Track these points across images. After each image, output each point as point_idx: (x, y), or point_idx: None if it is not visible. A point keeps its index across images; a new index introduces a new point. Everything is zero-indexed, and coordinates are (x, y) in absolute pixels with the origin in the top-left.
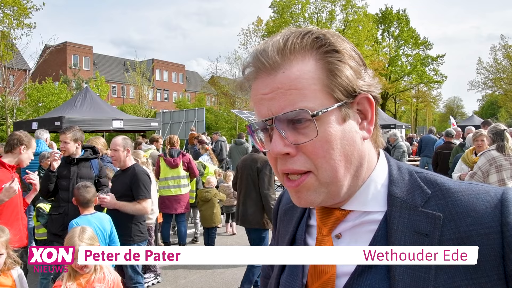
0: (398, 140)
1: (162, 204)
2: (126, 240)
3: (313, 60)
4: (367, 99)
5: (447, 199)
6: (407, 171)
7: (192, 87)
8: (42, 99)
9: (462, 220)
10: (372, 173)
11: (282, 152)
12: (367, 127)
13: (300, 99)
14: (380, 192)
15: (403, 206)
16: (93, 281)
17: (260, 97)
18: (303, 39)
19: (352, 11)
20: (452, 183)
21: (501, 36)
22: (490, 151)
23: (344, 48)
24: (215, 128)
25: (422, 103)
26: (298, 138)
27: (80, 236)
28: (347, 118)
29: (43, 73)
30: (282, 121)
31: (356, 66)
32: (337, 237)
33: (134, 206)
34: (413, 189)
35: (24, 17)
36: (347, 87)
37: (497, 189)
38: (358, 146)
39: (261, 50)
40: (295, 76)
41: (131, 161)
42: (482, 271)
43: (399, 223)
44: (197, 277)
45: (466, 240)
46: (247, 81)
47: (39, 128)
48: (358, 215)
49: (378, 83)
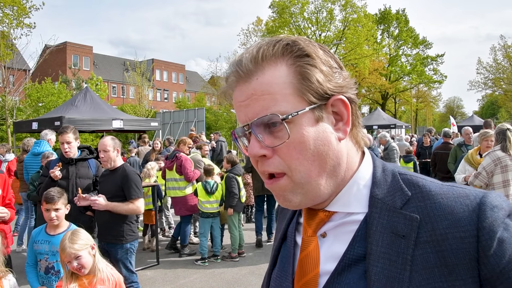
0: (389, 141)
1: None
2: (119, 240)
3: (285, 65)
4: (341, 101)
5: (426, 201)
6: (391, 173)
7: (192, 87)
8: (42, 99)
9: (439, 223)
10: (356, 174)
11: (258, 154)
12: (343, 128)
13: (273, 103)
14: (363, 193)
15: (383, 208)
16: (96, 281)
17: (238, 104)
18: (274, 47)
19: (352, 11)
20: (433, 186)
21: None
22: (495, 151)
23: (314, 52)
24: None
25: (422, 103)
26: (273, 141)
27: (71, 239)
28: (320, 120)
29: (43, 73)
30: (258, 126)
31: (328, 69)
32: (322, 236)
33: (127, 206)
34: (395, 191)
35: (24, 17)
36: (318, 89)
37: (477, 193)
38: (334, 146)
39: (237, 60)
40: (267, 82)
41: (120, 161)
42: (457, 274)
43: (378, 224)
44: (197, 277)
45: (441, 243)
46: (228, 91)
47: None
48: (341, 216)
49: (353, 84)
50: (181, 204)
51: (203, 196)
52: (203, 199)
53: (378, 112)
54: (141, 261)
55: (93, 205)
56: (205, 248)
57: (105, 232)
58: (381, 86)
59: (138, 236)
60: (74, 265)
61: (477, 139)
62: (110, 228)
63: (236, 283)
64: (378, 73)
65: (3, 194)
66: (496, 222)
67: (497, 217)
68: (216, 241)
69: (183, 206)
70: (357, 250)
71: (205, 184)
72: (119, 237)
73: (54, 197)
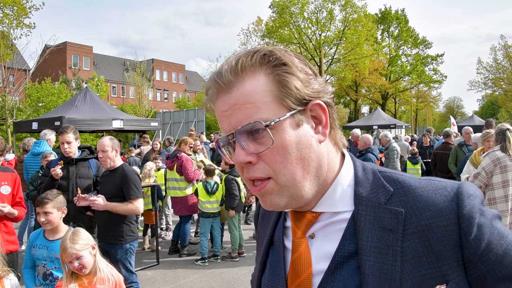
0: (390, 141)
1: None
2: (119, 240)
3: (264, 74)
4: (319, 105)
5: (408, 196)
6: (371, 171)
7: (192, 87)
8: (42, 99)
9: (422, 214)
10: (338, 175)
11: (244, 161)
12: (322, 130)
13: (255, 111)
14: (347, 193)
15: (369, 205)
16: (96, 281)
17: (221, 114)
18: (252, 57)
19: (352, 11)
20: (412, 181)
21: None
22: (494, 152)
23: (291, 60)
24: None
25: (422, 103)
26: (257, 148)
27: (72, 239)
28: (300, 124)
29: (43, 73)
30: (242, 134)
31: (304, 76)
32: (310, 237)
33: (126, 206)
34: (377, 188)
35: (24, 17)
36: (297, 95)
37: (453, 184)
38: (315, 148)
39: (217, 72)
40: (248, 92)
41: (119, 161)
42: (443, 259)
43: (365, 221)
44: (197, 277)
45: (427, 232)
46: (210, 102)
47: (39, 128)
48: (328, 216)
49: (329, 89)
50: (181, 204)
51: (204, 196)
52: (203, 199)
53: (378, 112)
54: (141, 261)
55: (92, 205)
56: (205, 248)
57: (105, 232)
58: (381, 86)
59: (138, 236)
60: (75, 265)
61: (480, 140)
62: (110, 228)
63: (236, 283)
64: (378, 73)
65: (13, 192)
66: (473, 209)
67: (474, 205)
68: (216, 241)
69: (183, 206)
70: (348, 247)
71: (206, 184)
72: (118, 237)
73: (44, 200)
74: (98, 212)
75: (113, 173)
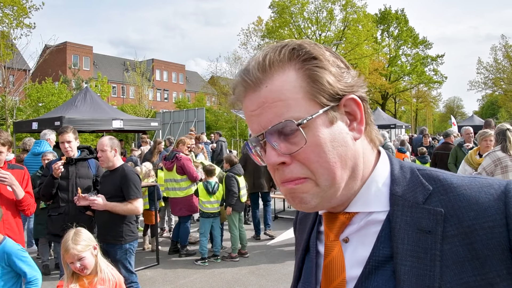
0: (386, 140)
1: (170, 205)
2: (118, 240)
3: (293, 70)
4: (353, 100)
5: (449, 194)
6: (409, 169)
7: (192, 87)
8: (42, 99)
9: (464, 214)
10: (373, 173)
11: (276, 163)
12: (358, 127)
13: (286, 110)
14: (382, 192)
15: (405, 204)
16: (96, 282)
17: (250, 114)
18: (280, 52)
19: (352, 11)
20: (455, 178)
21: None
22: (495, 152)
23: (321, 54)
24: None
25: (422, 103)
26: (290, 148)
27: (74, 239)
28: (334, 121)
29: (43, 73)
30: (272, 134)
31: (336, 70)
32: (344, 241)
33: (126, 206)
34: (415, 187)
35: (24, 17)
36: (329, 91)
37: (501, 181)
38: (351, 146)
39: (244, 69)
40: (277, 89)
41: (119, 161)
42: (489, 265)
43: (401, 222)
44: (197, 277)
45: (470, 235)
46: (238, 101)
47: (39, 128)
48: (362, 217)
49: (362, 82)
50: (181, 205)
51: (204, 196)
52: (204, 199)
53: (378, 112)
54: (141, 261)
55: (92, 205)
56: (205, 248)
57: (105, 232)
58: (381, 86)
59: (138, 236)
60: (77, 265)
61: (477, 139)
62: (110, 229)
63: (236, 283)
64: (378, 73)
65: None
66: None
67: None
68: (216, 241)
69: (183, 206)
70: (383, 251)
71: (206, 184)
72: (118, 237)
73: None
74: (98, 212)
75: (113, 173)
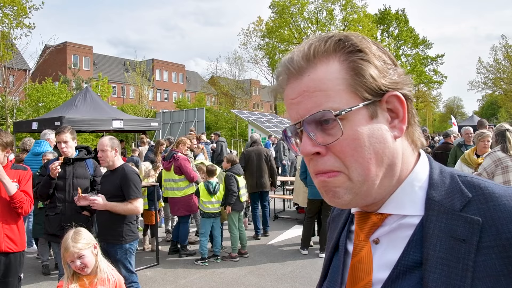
0: None
1: (169, 205)
2: (118, 240)
3: (337, 61)
4: (396, 97)
5: (489, 203)
6: (449, 175)
7: (192, 87)
8: (42, 99)
9: (504, 226)
10: (410, 175)
11: (311, 152)
12: (399, 125)
13: (326, 100)
14: (418, 195)
15: (441, 210)
16: (96, 282)
17: (290, 102)
18: (326, 43)
19: (352, 11)
20: (497, 188)
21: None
22: (496, 152)
23: (367, 47)
24: (215, 128)
25: (422, 103)
26: (326, 139)
27: (74, 238)
28: (374, 117)
29: (43, 73)
30: (310, 123)
31: (382, 64)
32: (375, 242)
33: (126, 206)
34: (453, 193)
35: (24, 17)
36: (372, 85)
37: None
38: (390, 144)
39: (289, 58)
40: (319, 78)
41: (119, 161)
42: None
43: (435, 228)
44: (197, 277)
45: (508, 248)
46: (279, 89)
47: (39, 128)
48: (396, 219)
49: (409, 80)
50: (180, 205)
51: (205, 196)
52: (205, 199)
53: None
54: (141, 261)
55: (92, 205)
56: (205, 248)
57: (105, 232)
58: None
59: (138, 236)
60: (77, 264)
61: (474, 139)
62: (110, 228)
63: (236, 283)
64: None
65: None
66: None
67: None
68: (216, 241)
69: (181, 206)
70: (413, 256)
71: (208, 184)
72: (118, 237)
73: None
74: (98, 212)
75: (113, 173)
